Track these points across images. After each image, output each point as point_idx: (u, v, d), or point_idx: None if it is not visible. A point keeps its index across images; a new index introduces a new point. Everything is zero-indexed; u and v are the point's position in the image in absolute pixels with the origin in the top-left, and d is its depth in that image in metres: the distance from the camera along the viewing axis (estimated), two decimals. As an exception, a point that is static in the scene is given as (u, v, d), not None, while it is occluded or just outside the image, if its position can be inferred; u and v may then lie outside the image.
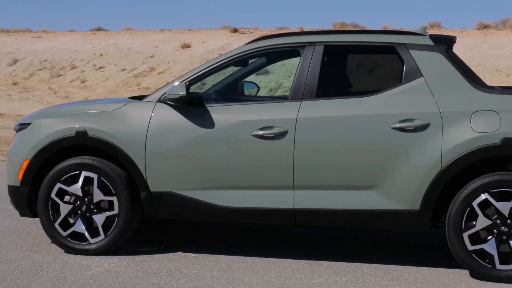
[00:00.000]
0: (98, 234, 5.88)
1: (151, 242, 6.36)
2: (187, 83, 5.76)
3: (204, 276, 5.36)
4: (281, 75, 21.42)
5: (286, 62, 7.20)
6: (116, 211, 5.83)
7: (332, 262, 5.75)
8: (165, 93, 5.83)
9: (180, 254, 5.98)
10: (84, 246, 5.90)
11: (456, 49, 6.28)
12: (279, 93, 20.72)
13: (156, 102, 5.89)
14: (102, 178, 5.84)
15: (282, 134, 5.57)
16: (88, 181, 5.88)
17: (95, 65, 30.14)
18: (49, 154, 5.98)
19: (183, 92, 5.67)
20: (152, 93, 6.07)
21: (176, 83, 5.83)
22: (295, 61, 6.01)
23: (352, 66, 6.43)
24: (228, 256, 5.91)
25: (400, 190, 5.38)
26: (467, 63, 5.77)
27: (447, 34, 6.39)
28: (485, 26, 27.94)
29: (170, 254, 5.97)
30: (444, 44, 5.64)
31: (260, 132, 5.60)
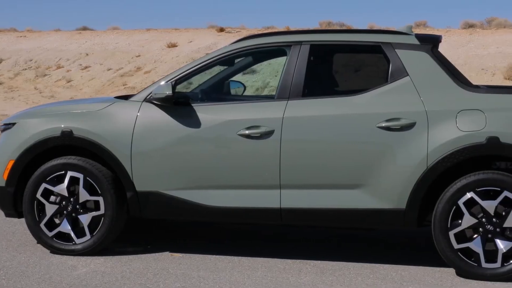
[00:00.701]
0: (84, 235, 5.86)
1: (137, 242, 6.34)
2: (173, 83, 5.74)
3: (191, 276, 5.35)
4: (268, 74, 21.38)
5: (273, 61, 7.19)
6: (102, 211, 5.81)
7: (319, 261, 5.76)
8: (151, 93, 5.82)
9: (166, 254, 5.96)
10: (70, 246, 5.88)
11: (442, 48, 6.29)
12: (265, 92, 20.68)
13: (142, 102, 5.87)
14: (88, 178, 5.81)
15: (268, 134, 5.56)
16: (74, 181, 5.86)
17: (81, 65, 29.99)
18: (35, 154, 5.95)
19: (169, 92, 5.66)
20: (138, 93, 6.06)
21: (162, 83, 5.81)
22: (281, 60, 6.00)
23: (338, 65, 6.43)
24: (214, 255, 5.90)
25: (386, 189, 5.39)
26: (452, 62, 5.79)
27: (433, 34, 6.40)
28: (471, 26, 28.05)
29: (157, 254, 5.95)
30: (430, 43, 5.65)
31: (247, 132, 5.59)
